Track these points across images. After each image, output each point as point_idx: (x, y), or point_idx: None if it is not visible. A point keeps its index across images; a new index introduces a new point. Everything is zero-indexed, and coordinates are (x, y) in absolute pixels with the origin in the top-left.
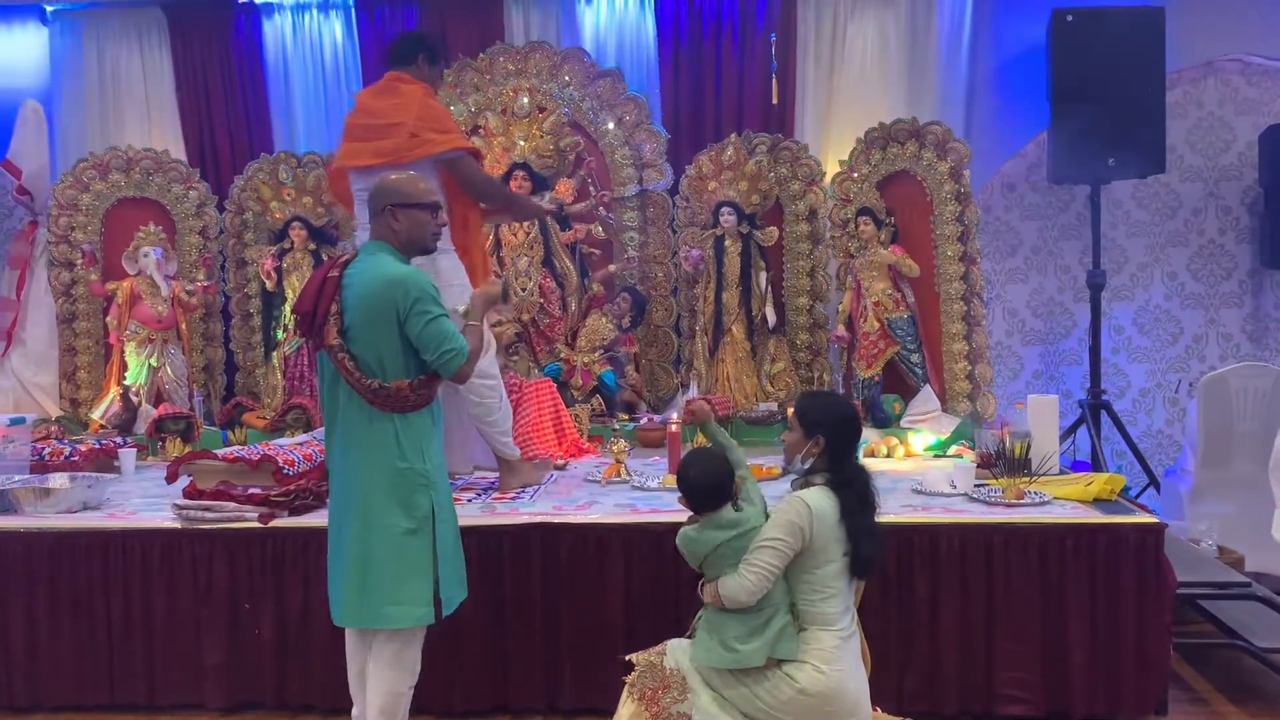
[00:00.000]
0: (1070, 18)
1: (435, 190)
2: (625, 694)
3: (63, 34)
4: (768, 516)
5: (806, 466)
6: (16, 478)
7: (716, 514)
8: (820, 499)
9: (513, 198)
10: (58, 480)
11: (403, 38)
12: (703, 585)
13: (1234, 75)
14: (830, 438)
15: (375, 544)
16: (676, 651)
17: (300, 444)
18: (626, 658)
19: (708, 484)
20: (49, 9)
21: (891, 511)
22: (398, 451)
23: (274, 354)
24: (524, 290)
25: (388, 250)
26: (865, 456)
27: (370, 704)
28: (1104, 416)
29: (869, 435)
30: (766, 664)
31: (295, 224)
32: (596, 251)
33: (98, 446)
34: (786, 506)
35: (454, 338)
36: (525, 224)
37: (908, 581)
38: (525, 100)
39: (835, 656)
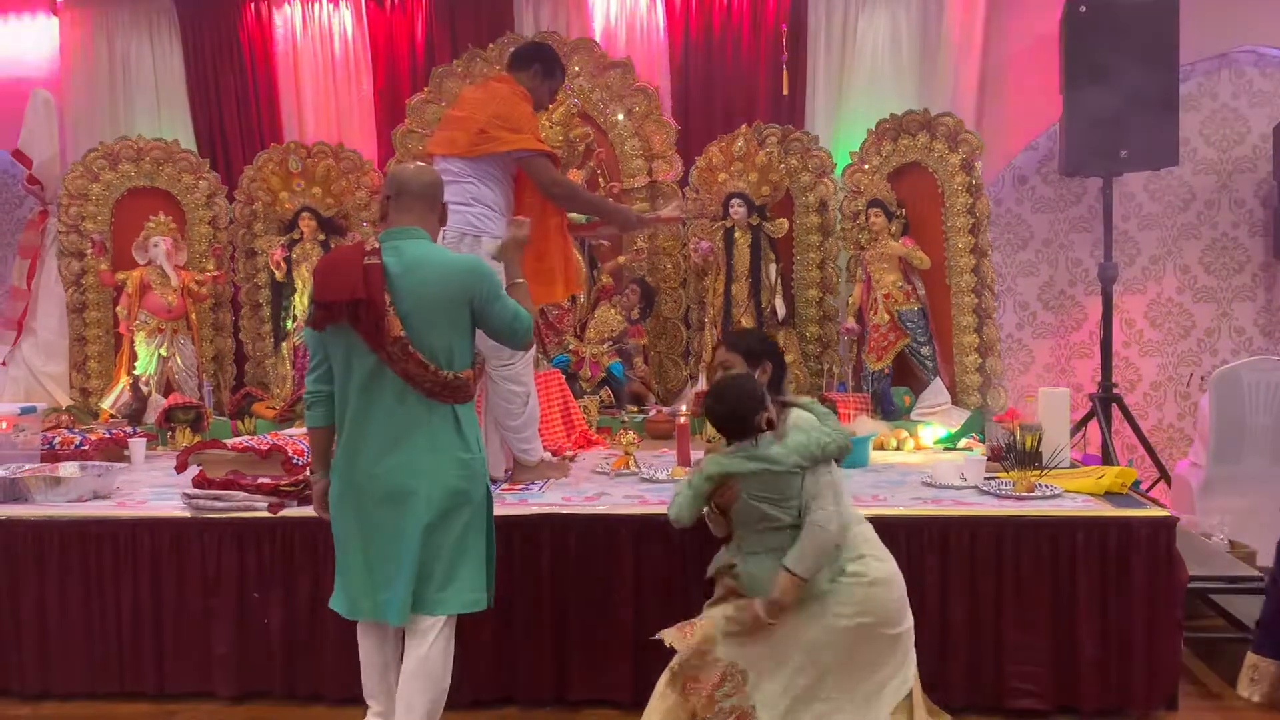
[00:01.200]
0: (1083, 9)
1: None
2: (665, 683)
3: (72, 24)
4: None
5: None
6: (27, 466)
7: (746, 444)
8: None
9: (603, 207)
10: (68, 469)
11: (528, 44)
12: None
13: (1248, 67)
14: (774, 364)
15: (438, 537)
16: (728, 643)
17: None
18: (659, 636)
19: (720, 412)
20: None
21: (901, 504)
22: (462, 443)
23: (283, 344)
24: None
25: (428, 237)
26: (875, 449)
27: (416, 705)
28: (1115, 410)
29: (879, 428)
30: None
31: (305, 214)
32: (605, 243)
33: (108, 436)
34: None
35: (521, 313)
36: None
37: (917, 574)
38: None
39: (878, 542)
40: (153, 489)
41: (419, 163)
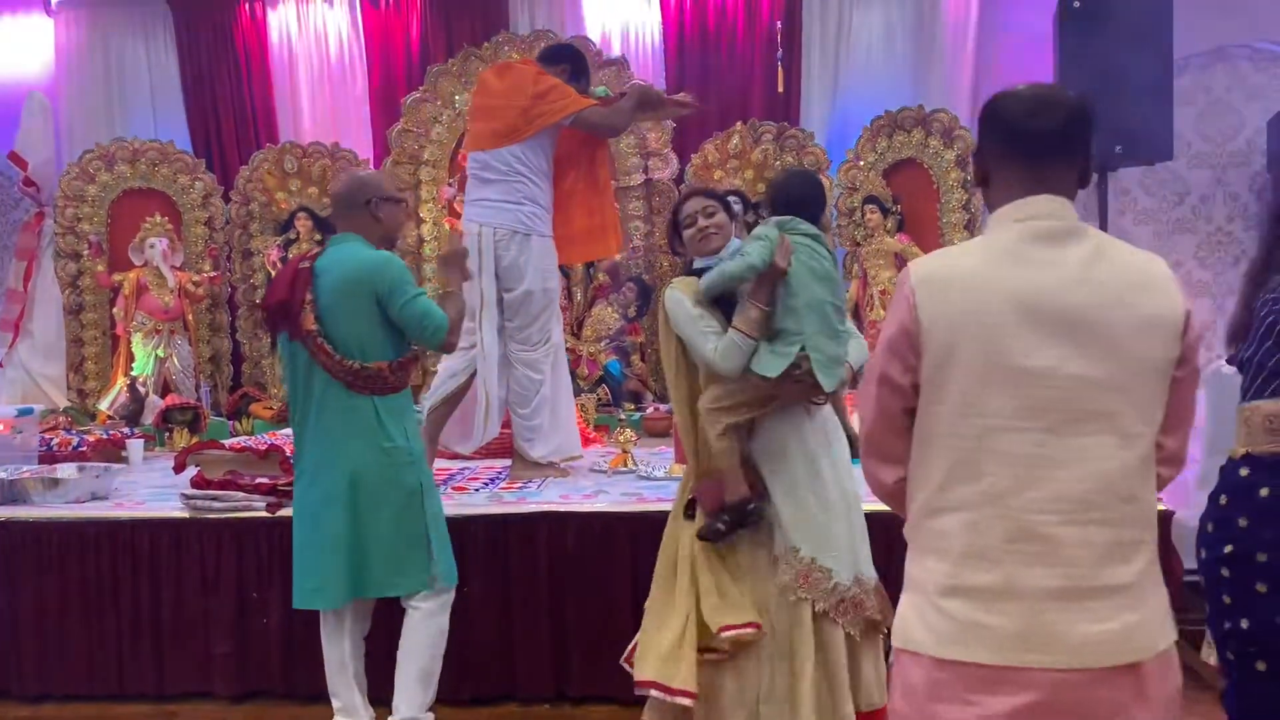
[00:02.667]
0: (1077, 3)
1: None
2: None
3: (68, 25)
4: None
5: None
6: (25, 468)
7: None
8: None
9: (632, 104)
10: (66, 470)
11: (561, 44)
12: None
13: (1242, 61)
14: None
15: (369, 523)
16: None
17: None
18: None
19: (806, 192)
20: (53, 1)
21: None
22: (382, 432)
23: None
24: None
25: (359, 240)
26: None
27: (403, 677)
28: None
29: None
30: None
31: (300, 214)
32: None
33: (105, 437)
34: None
35: (433, 313)
36: None
37: None
38: None
39: None
40: (151, 490)
41: (349, 173)
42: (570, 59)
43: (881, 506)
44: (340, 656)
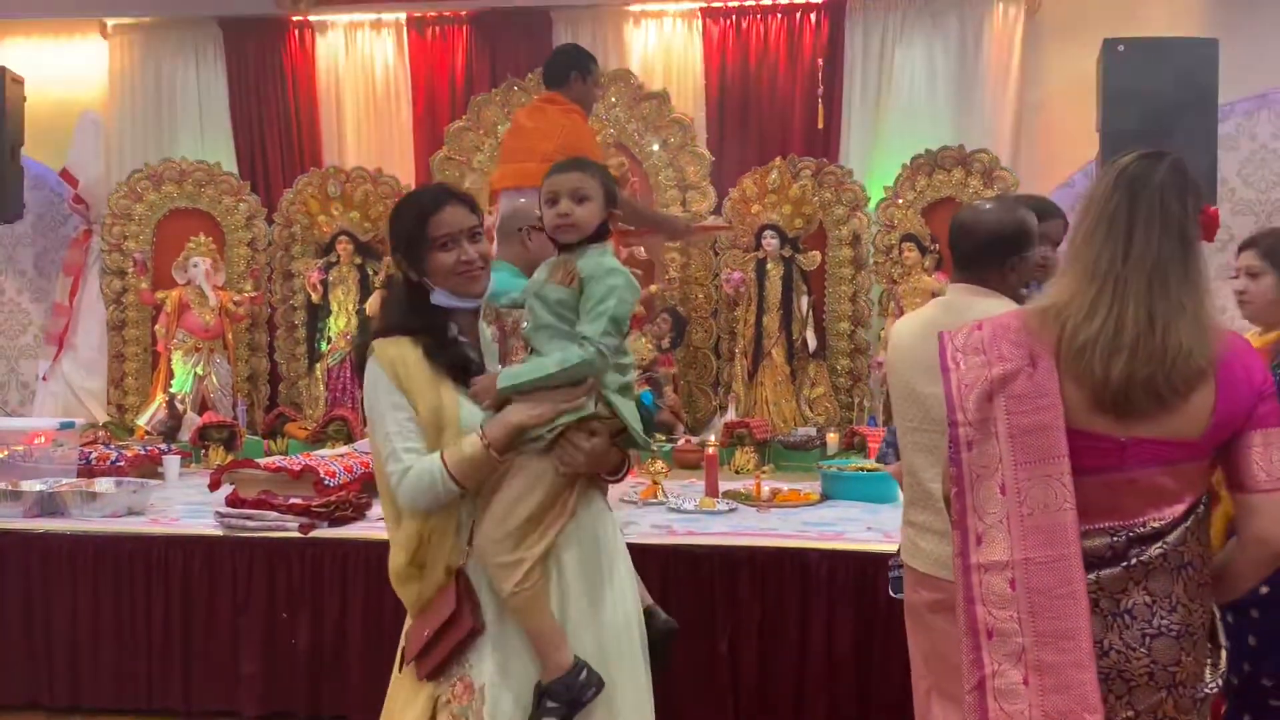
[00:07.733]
0: (1122, 48)
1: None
2: None
3: (121, 47)
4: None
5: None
6: (64, 481)
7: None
8: None
9: (657, 218)
10: (104, 484)
11: (555, 56)
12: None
13: None
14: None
15: None
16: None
17: (341, 455)
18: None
19: (613, 190)
20: (109, 23)
21: None
22: None
23: (317, 365)
24: None
25: (510, 269)
26: None
27: None
28: None
29: None
30: None
31: (342, 238)
32: (638, 272)
33: (143, 452)
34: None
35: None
36: None
37: None
38: None
39: None
40: (186, 506)
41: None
42: (575, 65)
43: None
44: None
